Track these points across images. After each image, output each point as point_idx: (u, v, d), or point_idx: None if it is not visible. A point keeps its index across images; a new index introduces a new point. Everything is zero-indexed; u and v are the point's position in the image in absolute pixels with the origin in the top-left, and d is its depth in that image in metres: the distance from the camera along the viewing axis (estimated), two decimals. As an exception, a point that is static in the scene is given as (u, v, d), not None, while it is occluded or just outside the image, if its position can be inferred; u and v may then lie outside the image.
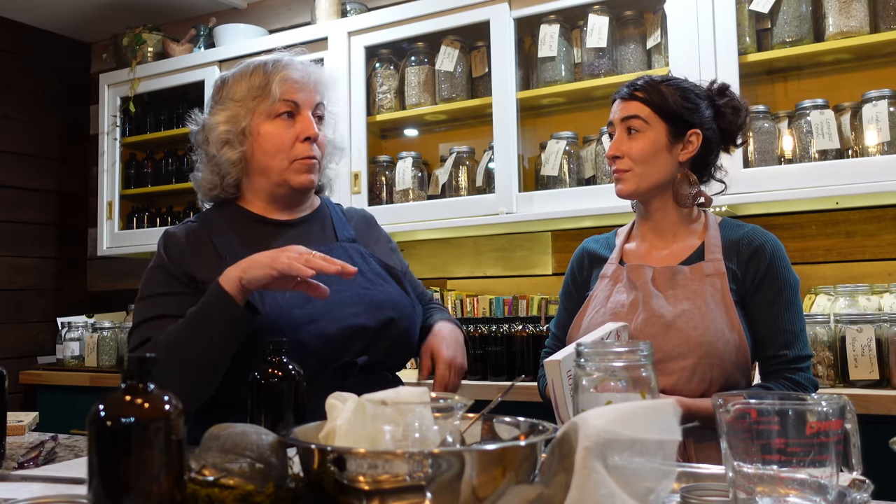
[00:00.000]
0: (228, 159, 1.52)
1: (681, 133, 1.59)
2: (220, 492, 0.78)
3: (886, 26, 2.27)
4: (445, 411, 0.88)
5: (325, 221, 1.61)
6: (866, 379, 2.05)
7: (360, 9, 3.14)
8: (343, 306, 1.43)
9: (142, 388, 0.71)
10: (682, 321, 1.50)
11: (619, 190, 1.63)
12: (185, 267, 1.44)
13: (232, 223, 1.53)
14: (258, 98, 1.50)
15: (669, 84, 1.61)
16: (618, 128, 1.62)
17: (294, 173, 1.50)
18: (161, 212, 3.61)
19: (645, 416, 0.75)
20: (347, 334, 1.42)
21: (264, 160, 1.50)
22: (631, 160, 1.59)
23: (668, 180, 1.61)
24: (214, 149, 1.52)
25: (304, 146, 1.49)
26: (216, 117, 1.52)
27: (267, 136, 1.49)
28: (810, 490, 0.75)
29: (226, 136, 1.51)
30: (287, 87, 1.49)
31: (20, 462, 1.25)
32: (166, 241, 1.52)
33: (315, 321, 1.39)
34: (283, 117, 1.49)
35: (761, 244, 1.56)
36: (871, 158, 2.21)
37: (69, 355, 3.45)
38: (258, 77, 1.51)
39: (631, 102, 1.60)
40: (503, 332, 2.51)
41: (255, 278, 1.27)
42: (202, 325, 1.30)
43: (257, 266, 1.28)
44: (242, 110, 1.50)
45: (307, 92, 1.51)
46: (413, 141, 3.22)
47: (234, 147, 1.51)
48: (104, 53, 3.89)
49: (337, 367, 1.41)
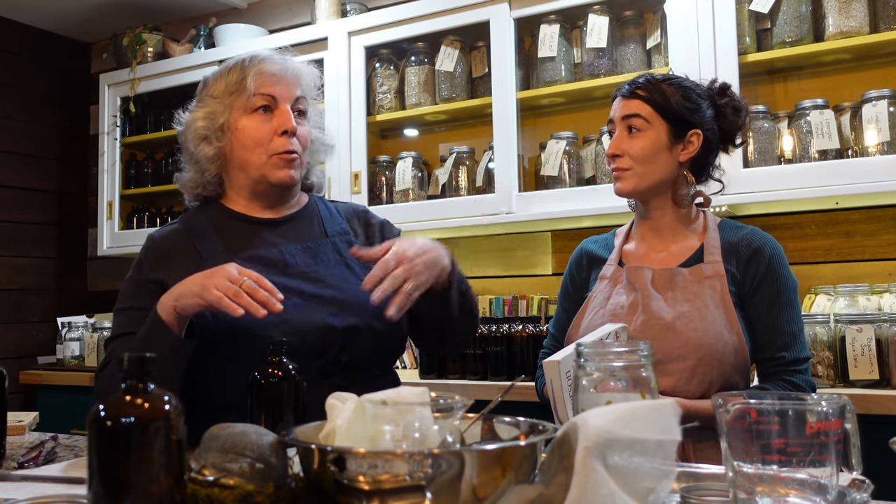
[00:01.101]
0: (205, 155, 1.51)
1: (682, 133, 1.59)
2: (220, 492, 0.78)
3: (886, 26, 2.27)
4: (445, 411, 0.88)
5: (313, 218, 1.58)
6: (866, 379, 2.05)
7: (360, 9, 3.14)
8: (323, 306, 1.41)
9: (142, 388, 0.71)
10: (682, 323, 1.50)
11: (617, 188, 1.63)
12: (158, 275, 1.44)
13: (215, 223, 1.52)
14: (235, 93, 1.49)
15: (671, 83, 1.60)
16: (618, 126, 1.62)
17: (273, 168, 1.48)
18: (161, 212, 3.62)
19: (645, 416, 0.75)
20: (323, 335, 1.39)
21: (243, 155, 1.49)
22: (631, 159, 1.59)
23: (667, 180, 1.61)
24: (192, 145, 1.52)
25: (282, 140, 1.47)
26: (194, 114, 1.52)
27: (244, 131, 1.48)
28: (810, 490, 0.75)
29: (203, 133, 1.50)
30: (263, 81, 1.47)
31: (20, 462, 1.25)
32: (146, 247, 1.53)
33: (290, 321, 1.36)
34: (260, 111, 1.48)
35: (760, 246, 1.56)
36: (871, 158, 2.21)
37: (69, 355, 3.45)
38: (235, 73, 1.50)
39: (632, 101, 1.60)
40: (503, 332, 2.51)
41: (188, 306, 1.26)
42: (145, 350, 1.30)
43: (188, 294, 1.26)
44: (220, 106, 1.50)
45: (284, 85, 1.49)
46: (413, 141, 3.22)
47: (210, 143, 1.50)
48: (104, 53, 3.89)
49: (321, 365, 1.38)
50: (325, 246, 1.51)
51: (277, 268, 1.44)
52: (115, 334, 1.46)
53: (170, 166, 3.56)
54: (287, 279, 1.42)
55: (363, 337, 1.43)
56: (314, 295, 1.42)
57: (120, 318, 1.47)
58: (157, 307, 1.30)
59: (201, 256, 1.45)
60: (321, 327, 1.39)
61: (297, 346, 1.35)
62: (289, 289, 1.39)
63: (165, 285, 1.39)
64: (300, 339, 1.36)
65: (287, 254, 1.47)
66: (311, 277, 1.45)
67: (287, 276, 1.43)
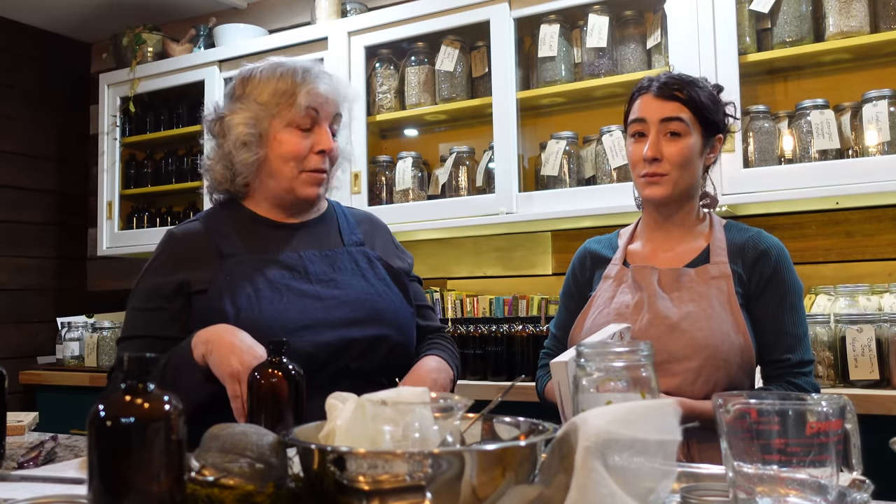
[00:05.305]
0: (244, 160, 1.50)
1: (710, 138, 1.58)
2: (220, 492, 0.78)
3: (886, 26, 2.27)
4: (445, 411, 0.88)
5: (332, 225, 1.60)
6: (866, 379, 2.05)
7: (360, 9, 3.14)
8: (342, 314, 1.44)
9: (142, 388, 0.71)
10: (688, 323, 1.50)
11: (650, 193, 1.57)
12: (180, 275, 1.45)
13: (236, 224, 1.54)
14: (282, 105, 1.48)
15: (697, 85, 1.57)
16: (653, 128, 1.55)
17: (302, 184, 1.50)
18: (161, 212, 3.61)
19: (645, 416, 0.75)
20: (342, 343, 1.42)
21: (277, 165, 1.50)
22: (670, 164, 1.54)
23: (695, 185, 1.60)
24: (232, 147, 1.51)
25: (317, 158, 1.49)
26: (236, 116, 1.50)
27: (284, 143, 1.48)
28: (810, 490, 0.75)
29: (245, 138, 1.49)
30: (314, 100, 1.48)
31: (20, 462, 1.25)
32: (166, 242, 1.53)
33: (311, 327, 1.40)
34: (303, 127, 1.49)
35: (767, 248, 1.56)
36: (871, 158, 2.21)
37: (69, 355, 3.45)
38: (286, 83, 1.49)
39: (670, 102, 1.54)
40: (503, 332, 2.51)
41: (213, 366, 1.27)
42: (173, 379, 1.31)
43: (218, 361, 1.26)
44: (264, 113, 1.49)
45: (329, 105, 1.51)
46: (413, 141, 3.22)
47: (251, 150, 1.50)
48: (104, 53, 3.89)
49: (332, 373, 1.41)
50: (342, 255, 1.53)
51: (298, 272, 1.47)
52: (129, 335, 1.46)
53: (170, 166, 3.56)
54: (308, 285, 1.45)
55: (379, 348, 1.46)
56: (333, 302, 1.44)
57: (133, 317, 1.47)
58: (192, 344, 1.31)
59: (222, 254, 1.46)
60: (340, 335, 1.42)
61: (313, 354, 1.36)
62: (309, 294, 1.43)
63: (187, 284, 1.43)
64: (318, 346, 1.38)
65: (307, 259, 1.49)
66: (330, 285, 1.47)
67: (308, 283, 1.46)
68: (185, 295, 1.44)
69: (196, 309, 1.42)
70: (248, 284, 1.41)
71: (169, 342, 1.39)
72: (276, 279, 1.43)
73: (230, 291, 1.40)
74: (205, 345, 1.29)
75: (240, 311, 1.38)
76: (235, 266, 1.44)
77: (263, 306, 1.39)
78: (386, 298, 1.50)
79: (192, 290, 1.43)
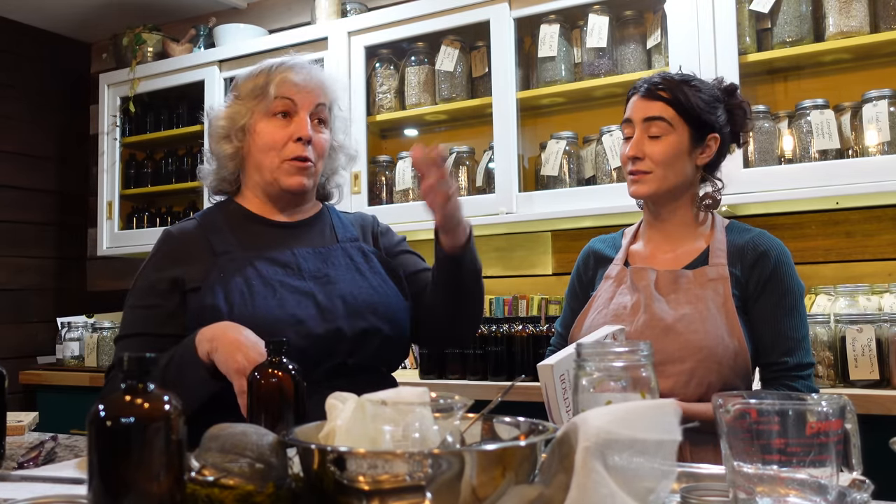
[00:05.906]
0: (224, 152, 1.56)
1: (702, 136, 1.58)
2: (220, 492, 0.78)
3: (886, 26, 2.27)
4: (445, 411, 0.88)
5: (326, 225, 1.61)
6: (866, 379, 2.05)
7: (360, 9, 3.14)
8: (335, 308, 1.44)
9: (142, 388, 0.71)
10: (683, 325, 1.50)
11: (634, 191, 1.60)
12: (174, 272, 1.45)
13: (230, 220, 1.55)
14: (258, 97, 1.53)
15: (691, 84, 1.58)
16: (638, 127, 1.58)
17: (284, 174, 1.51)
18: (161, 212, 3.62)
19: (645, 416, 0.75)
20: (335, 336, 1.42)
21: (259, 157, 1.53)
22: (652, 163, 1.56)
23: (684, 183, 1.59)
24: (213, 142, 1.57)
25: (296, 146, 1.50)
26: (220, 113, 1.57)
27: (261, 134, 1.51)
28: (810, 490, 0.75)
29: (224, 132, 1.55)
30: (285, 88, 1.51)
31: (20, 462, 1.25)
32: (162, 240, 1.54)
33: (304, 322, 1.40)
34: (280, 117, 1.51)
35: (766, 249, 1.55)
36: (872, 158, 2.21)
37: (69, 355, 3.45)
38: (262, 77, 1.54)
39: (654, 102, 1.56)
40: (503, 332, 2.51)
41: (218, 363, 1.26)
42: (177, 376, 1.30)
43: (223, 358, 1.25)
44: (243, 108, 1.54)
45: (305, 93, 1.52)
46: (413, 141, 3.21)
47: (230, 141, 1.55)
48: (104, 53, 3.89)
49: (328, 368, 1.41)
50: (336, 251, 1.53)
51: (291, 269, 1.47)
52: (125, 333, 1.47)
53: (170, 166, 3.56)
54: (301, 282, 1.45)
55: (372, 341, 1.46)
56: (327, 298, 1.44)
57: (130, 315, 1.48)
58: (196, 342, 1.30)
59: (216, 252, 1.47)
60: (333, 331, 1.42)
61: (306, 349, 1.36)
62: (302, 290, 1.43)
63: (181, 282, 1.44)
64: (312, 341, 1.38)
65: (300, 257, 1.50)
66: (323, 280, 1.47)
67: (301, 279, 1.46)
68: (181, 292, 1.44)
69: (190, 306, 1.43)
70: (242, 281, 1.42)
71: (166, 339, 1.39)
72: (270, 275, 1.44)
73: (223, 288, 1.41)
74: (209, 342, 1.29)
75: (233, 307, 1.38)
76: (228, 263, 1.45)
77: (257, 302, 1.39)
78: (380, 292, 1.50)
79: (187, 288, 1.44)
